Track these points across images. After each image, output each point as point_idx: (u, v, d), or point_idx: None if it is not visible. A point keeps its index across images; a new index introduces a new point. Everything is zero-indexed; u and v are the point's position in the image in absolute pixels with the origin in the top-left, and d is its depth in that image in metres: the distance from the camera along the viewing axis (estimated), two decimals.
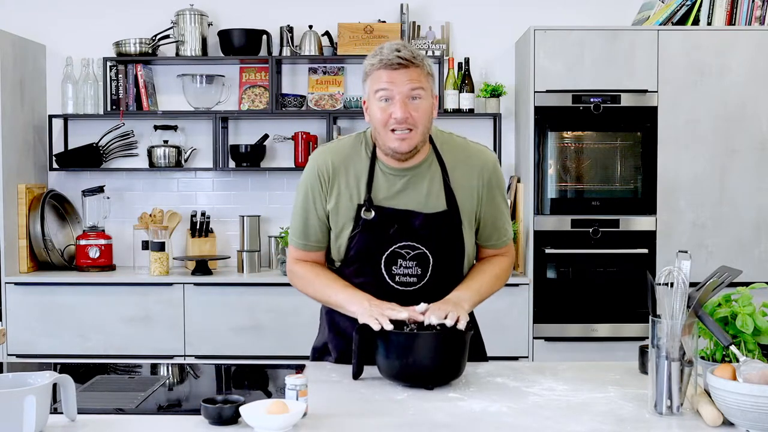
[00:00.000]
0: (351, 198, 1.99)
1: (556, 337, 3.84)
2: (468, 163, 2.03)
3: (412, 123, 1.89)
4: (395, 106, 1.88)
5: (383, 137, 1.92)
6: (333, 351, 2.11)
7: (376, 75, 1.90)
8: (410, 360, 1.77)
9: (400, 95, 1.88)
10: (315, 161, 2.04)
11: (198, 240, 4.22)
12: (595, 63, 3.80)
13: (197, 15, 4.18)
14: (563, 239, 3.83)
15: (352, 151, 2.03)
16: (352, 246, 2.00)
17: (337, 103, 4.31)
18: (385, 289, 1.98)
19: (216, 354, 3.81)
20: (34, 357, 3.77)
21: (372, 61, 1.91)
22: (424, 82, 1.91)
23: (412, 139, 1.91)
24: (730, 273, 1.66)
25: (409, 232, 1.97)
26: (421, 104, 1.91)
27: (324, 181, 2.01)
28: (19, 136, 4.03)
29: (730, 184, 3.82)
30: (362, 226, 1.97)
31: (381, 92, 1.89)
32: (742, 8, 3.87)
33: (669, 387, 1.58)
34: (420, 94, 1.90)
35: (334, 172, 2.00)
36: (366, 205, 1.97)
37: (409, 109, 1.89)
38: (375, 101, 1.91)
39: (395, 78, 1.87)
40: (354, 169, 2.00)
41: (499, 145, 4.21)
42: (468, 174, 2.02)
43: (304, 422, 1.55)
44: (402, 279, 1.99)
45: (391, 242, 1.97)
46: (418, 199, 1.98)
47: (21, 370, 2.04)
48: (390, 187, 1.99)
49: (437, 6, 4.33)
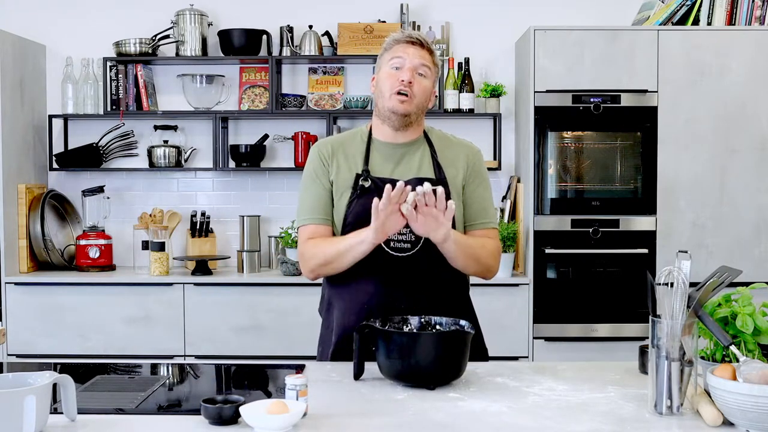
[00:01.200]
0: (350, 170, 2.16)
1: (556, 337, 3.84)
2: (455, 149, 2.23)
3: (412, 91, 2.11)
4: (404, 71, 2.12)
5: (385, 100, 2.13)
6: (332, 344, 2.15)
7: (394, 48, 2.15)
8: (411, 360, 1.77)
9: (411, 65, 2.12)
10: (316, 147, 2.24)
11: (198, 240, 4.22)
12: (595, 63, 3.80)
13: (197, 15, 4.18)
14: (563, 239, 3.83)
15: (349, 138, 2.24)
16: (350, 211, 2.12)
17: (337, 103, 4.31)
18: (380, 254, 2.07)
19: (216, 354, 3.81)
20: (34, 357, 3.77)
21: (393, 37, 2.17)
22: (431, 65, 2.15)
23: (409, 104, 2.12)
24: (730, 273, 1.66)
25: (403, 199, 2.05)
26: (424, 81, 2.14)
27: (325, 159, 2.18)
28: (19, 136, 4.03)
29: (730, 184, 3.82)
30: (360, 192, 2.12)
31: (395, 59, 2.13)
32: (742, 8, 3.87)
33: (669, 387, 1.58)
34: (425, 72, 2.13)
35: (333, 152, 2.19)
36: (363, 174, 2.13)
37: (414, 79, 2.11)
38: (387, 68, 2.14)
39: (410, 51, 2.13)
40: (352, 149, 2.19)
41: (499, 145, 4.21)
42: (455, 156, 2.21)
43: (304, 422, 1.55)
44: (396, 245, 2.09)
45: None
46: (409, 171, 2.16)
47: (21, 370, 2.03)
48: (384, 160, 2.17)
49: (437, 6, 4.33)
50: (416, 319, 1.96)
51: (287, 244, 4.06)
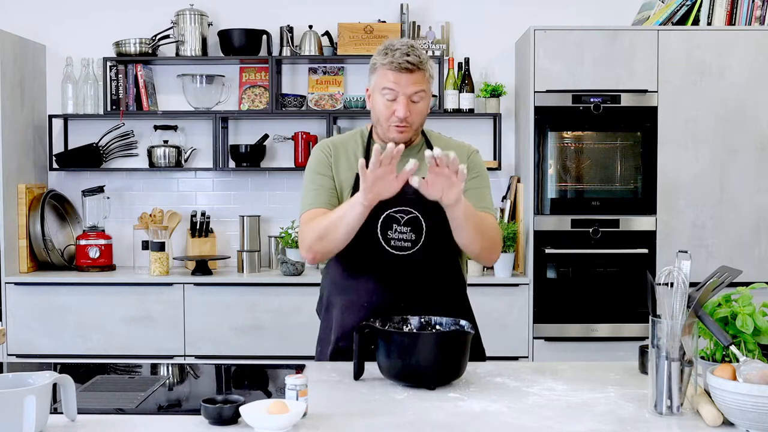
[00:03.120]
0: (350, 169, 2.15)
1: (556, 337, 3.84)
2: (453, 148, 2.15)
3: (410, 121, 2.09)
4: (399, 105, 2.06)
5: (384, 128, 2.11)
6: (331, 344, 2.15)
7: (383, 73, 2.07)
8: (412, 360, 1.77)
9: (404, 96, 2.06)
10: (318, 146, 2.24)
11: (198, 240, 4.22)
12: (595, 63, 3.80)
13: (197, 15, 4.18)
14: (563, 239, 3.83)
15: (349, 139, 2.24)
16: None
17: (337, 103, 4.31)
18: (380, 253, 2.08)
19: (216, 354, 3.81)
20: (34, 357, 3.77)
21: (382, 59, 2.07)
22: (425, 85, 2.09)
23: (408, 133, 2.11)
24: (730, 273, 1.66)
25: (403, 197, 2.03)
26: (420, 105, 2.10)
27: (327, 156, 2.18)
28: (19, 136, 4.03)
29: (730, 184, 3.82)
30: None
31: (386, 91, 2.07)
32: (742, 8, 3.87)
33: (669, 387, 1.58)
34: (421, 96, 2.09)
35: (335, 151, 2.19)
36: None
37: (409, 108, 2.07)
38: (380, 96, 2.09)
39: (401, 80, 2.05)
40: (352, 150, 2.20)
41: (499, 145, 4.21)
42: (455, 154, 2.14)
43: (304, 422, 1.55)
44: (397, 243, 2.10)
45: (386, 206, 2.06)
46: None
47: (21, 370, 2.03)
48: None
49: (437, 6, 4.33)
50: (416, 319, 1.96)
51: (287, 244, 4.06)
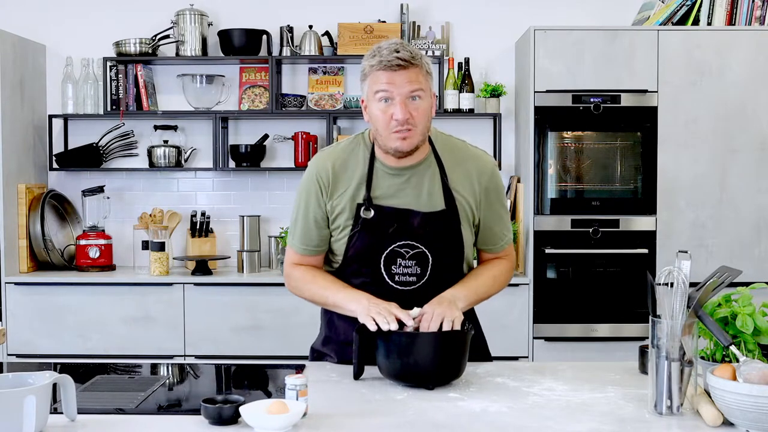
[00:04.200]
0: (351, 198, 1.99)
1: (556, 337, 3.84)
2: (466, 166, 2.03)
3: (413, 123, 1.89)
4: (396, 107, 1.87)
5: (384, 137, 1.92)
6: (332, 354, 2.11)
7: (374, 76, 1.89)
8: (411, 360, 1.77)
9: (401, 96, 1.87)
10: (315, 166, 2.04)
11: (198, 240, 4.22)
12: (595, 63, 3.80)
13: (197, 15, 4.18)
14: (563, 239, 3.83)
15: (351, 154, 2.03)
16: (352, 245, 2.00)
17: (337, 103, 4.31)
18: (384, 288, 1.97)
19: (216, 354, 3.81)
20: (34, 357, 3.77)
21: (371, 62, 1.90)
22: (423, 82, 1.90)
23: (413, 138, 1.91)
24: (730, 273, 1.66)
25: (408, 231, 1.97)
26: (421, 104, 1.90)
27: (323, 186, 2.01)
28: (19, 136, 4.03)
29: (730, 184, 3.82)
30: (361, 225, 1.97)
31: (381, 93, 1.88)
32: (742, 8, 3.87)
33: (669, 387, 1.58)
34: (420, 94, 1.89)
35: (334, 176, 2.00)
36: (365, 204, 1.97)
37: (410, 108, 1.88)
38: (375, 102, 1.91)
39: (395, 79, 1.87)
40: (353, 170, 2.00)
41: (499, 145, 4.21)
42: (466, 176, 2.02)
43: (304, 422, 1.55)
44: (401, 279, 1.98)
45: (390, 241, 1.97)
46: (417, 198, 1.99)
47: (21, 370, 2.04)
48: (389, 186, 1.99)
49: (437, 6, 4.33)
50: None
51: (287, 245, 4.05)
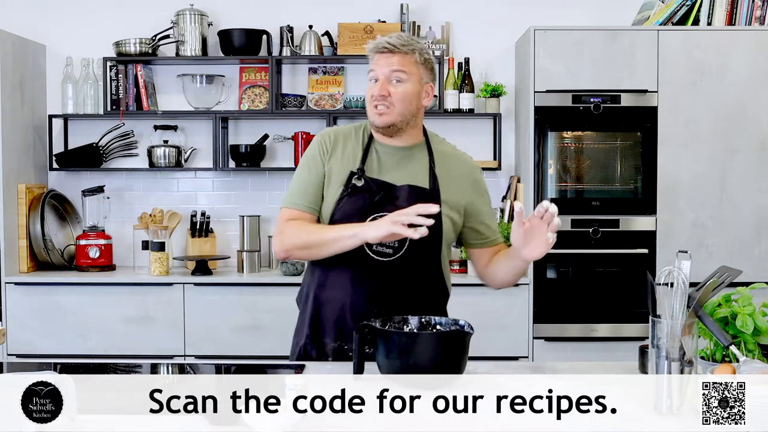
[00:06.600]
0: (346, 165, 2.13)
1: (556, 337, 3.84)
2: (456, 161, 2.20)
3: (390, 101, 2.07)
4: (377, 84, 2.09)
5: (369, 112, 2.12)
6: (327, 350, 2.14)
7: (370, 58, 2.13)
8: (411, 360, 1.77)
9: (383, 76, 2.08)
10: (320, 134, 2.23)
11: (198, 240, 4.22)
12: (595, 63, 3.80)
13: (197, 15, 4.18)
14: (563, 239, 3.80)
15: (353, 132, 2.21)
16: (338, 208, 2.10)
17: (337, 103, 4.31)
18: (361, 256, 2.06)
19: (216, 354, 3.81)
20: (34, 357, 3.77)
21: (368, 46, 2.14)
22: (408, 67, 2.08)
23: (388, 115, 2.08)
24: (730, 273, 1.66)
25: (392, 203, 2.06)
26: (401, 86, 2.08)
27: (325, 148, 2.16)
28: (19, 136, 4.03)
29: (730, 184, 3.82)
30: (350, 190, 2.10)
31: (371, 73, 2.12)
32: (742, 8, 3.87)
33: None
34: (401, 77, 2.07)
35: (335, 142, 2.17)
36: (358, 173, 2.11)
37: (388, 87, 2.07)
38: (369, 82, 2.13)
39: (380, 61, 2.09)
40: (352, 144, 2.17)
41: (499, 145, 4.21)
42: (456, 169, 2.18)
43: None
44: (378, 248, 2.07)
45: (373, 209, 2.07)
46: (405, 177, 2.12)
47: (21, 370, 2.03)
48: (381, 164, 2.14)
49: (437, 6, 4.33)
50: (416, 319, 1.96)
51: None
